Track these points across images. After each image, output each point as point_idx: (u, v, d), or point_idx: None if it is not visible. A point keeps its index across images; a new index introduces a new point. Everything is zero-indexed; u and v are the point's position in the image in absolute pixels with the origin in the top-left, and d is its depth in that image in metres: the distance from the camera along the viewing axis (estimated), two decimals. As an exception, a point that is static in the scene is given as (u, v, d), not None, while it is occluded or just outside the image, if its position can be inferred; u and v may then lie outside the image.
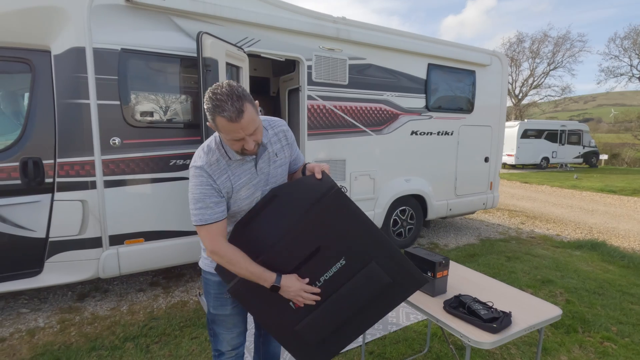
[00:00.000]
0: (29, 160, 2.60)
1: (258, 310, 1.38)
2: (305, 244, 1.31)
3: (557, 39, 26.55)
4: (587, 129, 19.05)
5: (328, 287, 1.34)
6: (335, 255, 1.33)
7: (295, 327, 1.36)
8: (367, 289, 1.36)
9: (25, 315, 2.89)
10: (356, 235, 1.33)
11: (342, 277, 1.34)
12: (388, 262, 1.35)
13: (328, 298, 1.35)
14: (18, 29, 2.57)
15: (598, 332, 2.69)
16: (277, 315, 1.36)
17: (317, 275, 1.33)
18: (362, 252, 1.34)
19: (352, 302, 1.36)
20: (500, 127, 5.36)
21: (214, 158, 1.32)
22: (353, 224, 1.32)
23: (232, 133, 1.19)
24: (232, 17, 3.14)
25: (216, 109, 1.16)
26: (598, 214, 7.27)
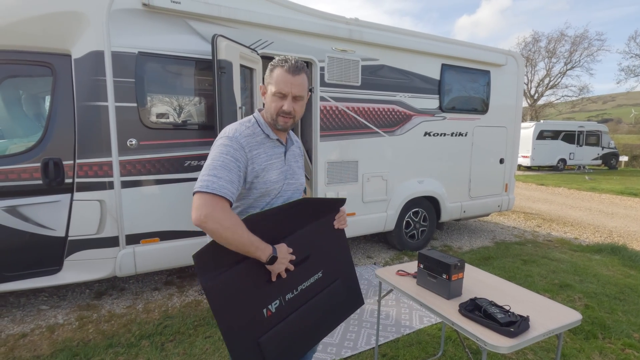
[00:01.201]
0: (50, 161, 2.67)
1: (227, 313, 1.19)
2: (302, 247, 1.35)
3: (575, 38, 25.93)
4: (606, 130, 18.54)
5: (301, 298, 1.36)
6: (317, 267, 1.40)
7: (259, 337, 1.24)
8: (327, 303, 1.44)
9: (46, 312, 2.97)
10: (338, 252, 1.46)
11: (314, 290, 1.40)
12: (348, 281, 1.51)
13: (297, 310, 1.35)
14: (40, 34, 2.65)
15: (619, 338, 2.61)
16: (246, 322, 1.22)
17: (297, 283, 1.35)
18: (335, 269, 1.45)
19: (314, 316, 1.40)
20: (515, 128, 5.27)
21: (250, 131, 1.32)
22: (341, 243, 1.49)
23: (281, 84, 1.27)
24: (246, 19, 3.18)
25: (280, 62, 1.29)
26: (618, 217, 7.06)
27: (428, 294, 1.81)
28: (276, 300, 1.29)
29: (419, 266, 1.90)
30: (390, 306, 3.07)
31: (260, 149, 1.32)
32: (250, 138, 1.31)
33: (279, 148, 1.39)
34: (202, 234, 3.21)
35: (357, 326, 2.76)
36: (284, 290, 1.31)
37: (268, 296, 1.27)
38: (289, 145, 1.45)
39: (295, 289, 1.33)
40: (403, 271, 2.07)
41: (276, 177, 1.36)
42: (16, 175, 2.62)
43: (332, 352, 2.42)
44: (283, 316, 1.30)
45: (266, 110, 1.36)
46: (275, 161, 1.37)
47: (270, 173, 1.34)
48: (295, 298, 1.34)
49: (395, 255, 4.42)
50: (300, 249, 1.34)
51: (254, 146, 1.31)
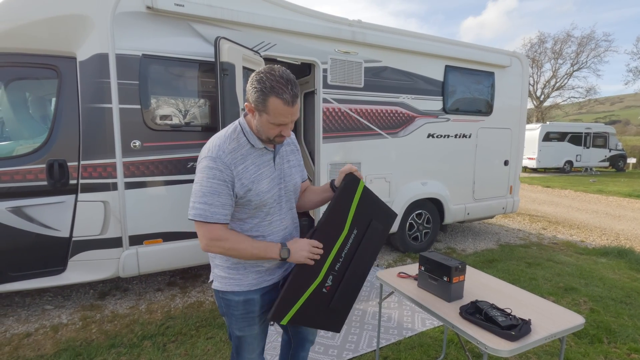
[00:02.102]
0: (54, 162, 2.70)
1: (300, 314, 1.41)
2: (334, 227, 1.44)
3: (581, 39, 25.72)
4: (614, 132, 18.35)
5: (348, 257, 1.47)
6: (351, 231, 1.46)
7: (329, 305, 1.46)
8: (371, 244, 1.53)
9: (50, 312, 3.00)
10: (367, 207, 1.50)
11: (355, 245, 1.48)
12: (379, 213, 1.55)
13: (349, 266, 1.47)
14: (46, 37, 2.69)
15: (625, 343, 2.57)
16: (313, 305, 1.42)
17: (341, 252, 1.45)
18: (367, 217, 1.50)
19: (364, 262, 1.52)
20: (520, 130, 5.23)
21: (232, 146, 1.27)
22: (367, 198, 1.51)
23: (281, 117, 1.21)
24: (249, 22, 3.19)
25: (274, 89, 1.16)
26: (625, 220, 6.97)
27: (429, 297, 1.80)
28: (329, 276, 1.43)
29: (420, 268, 1.89)
30: (392, 308, 3.06)
31: (248, 161, 1.29)
32: (234, 153, 1.26)
33: (266, 155, 1.35)
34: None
35: (358, 328, 2.75)
36: (332, 265, 1.43)
37: (323, 279, 1.42)
38: (278, 148, 1.39)
39: (340, 257, 1.44)
40: (404, 273, 2.06)
41: (267, 187, 1.33)
42: (21, 177, 2.65)
43: (334, 355, 2.42)
44: (340, 279, 1.46)
45: (259, 130, 1.27)
46: (264, 170, 1.34)
47: (261, 184, 1.31)
48: (343, 262, 1.46)
49: (398, 257, 4.40)
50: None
51: (240, 160, 1.27)
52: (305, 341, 1.70)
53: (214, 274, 1.42)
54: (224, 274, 1.37)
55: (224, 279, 1.37)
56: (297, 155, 1.53)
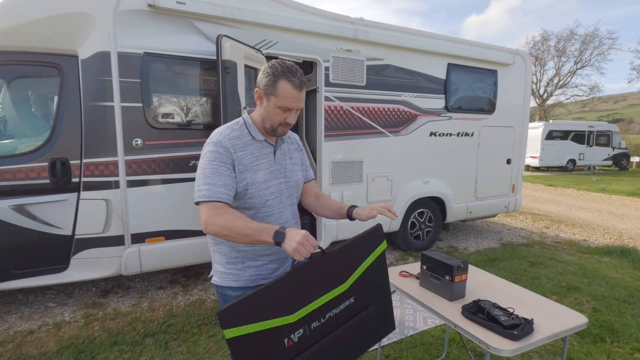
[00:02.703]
0: (57, 161, 2.71)
1: (250, 345, 1.08)
2: (335, 271, 1.24)
3: (585, 37, 25.54)
4: (617, 130, 18.23)
5: (329, 325, 1.23)
6: (350, 293, 1.26)
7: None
8: (358, 331, 1.32)
9: (53, 310, 3.01)
10: (375, 277, 1.34)
11: (344, 317, 1.27)
12: (382, 307, 1.39)
13: (324, 338, 1.22)
14: (48, 35, 2.69)
15: (628, 342, 2.56)
16: (264, 354, 1.11)
17: (327, 310, 1.22)
18: (370, 295, 1.34)
19: (342, 344, 1.28)
20: (523, 128, 5.20)
21: (236, 134, 1.32)
22: (381, 266, 1.36)
23: (288, 99, 1.25)
24: (251, 19, 3.19)
25: (284, 73, 1.23)
26: (629, 219, 6.93)
27: (431, 296, 1.80)
28: (300, 330, 1.16)
29: (422, 267, 1.88)
30: (394, 307, 3.05)
31: (247, 150, 1.32)
32: (235, 140, 1.31)
33: (267, 148, 1.38)
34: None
35: (360, 327, 2.75)
36: (310, 319, 1.18)
37: (294, 325, 1.14)
38: (279, 144, 1.42)
39: (322, 317, 1.20)
40: (406, 272, 2.05)
41: (264, 177, 1.34)
42: (24, 175, 2.65)
43: None
44: (308, 344, 1.18)
45: (264, 117, 1.32)
46: (262, 161, 1.35)
47: (258, 173, 1.33)
48: (321, 327, 1.21)
49: (400, 256, 4.40)
50: (333, 274, 1.23)
51: (240, 148, 1.31)
52: None
53: (214, 269, 1.43)
54: (223, 269, 1.38)
55: (223, 274, 1.38)
56: (300, 154, 1.54)
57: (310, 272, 1.18)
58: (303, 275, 1.16)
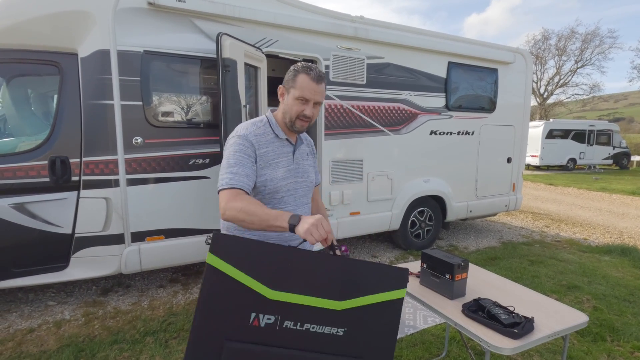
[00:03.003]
0: (57, 159, 2.71)
1: (222, 289, 1.03)
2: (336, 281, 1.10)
3: (586, 36, 25.49)
4: (618, 129, 18.22)
5: (303, 339, 1.07)
6: (342, 321, 1.10)
7: (228, 339, 1.03)
8: None
9: (53, 308, 3.01)
10: (379, 327, 1.13)
11: (323, 345, 1.09)
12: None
13: (291, 349, 1.07)
14: (48, 33, 2.68)
15: (628, 341, 2.56)
16: (227, 310, 1.03)
17: (308, 319, 1.07)
18: (364, 343, 1.13)
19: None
20: (523, 127, 5.20)
21: (260, 131, 1.39)
22: (390, 321, 1.15)
23: (305, 90, 1.33)
24: (251, 18, 3.18)
25: (304, 69, 1.34)
26: (629, 218, 6.93)
27: (431, 294, 1.79)
28: (271, 316, 1.05)
29: (422, 266, 1.88)
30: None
31: (269, 147, 1.39)
32: (260, 137, 1.38)
33: (287, 147, 1.45)
34: (207, 232, 3.23)
35: (360, 325, 2.75)
36: (286, 313, 1.06)
37: (268, 305, 1.05)
38: (298, 144, 1.49)
39: (300, 323, 1.07)
40: (406, 271, 2.05)
41: (283, 175, 1.40)
42: (24, 173, 2.65)
43: None
44: (267, 341, 1.06)
45: (285, 111, 1.40)
46: (282, 159, 1.41)
47: (277, 170, 1.39)
48: (293, 333, 1.07)
49: (400, 255, 4.39)
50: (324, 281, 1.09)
51: (263, 144, 1.37)
52: None
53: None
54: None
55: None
56: (313, 158, 1.62)
57: (311, 261, 1.09)
58: (303, 260, 1.08)
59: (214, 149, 3.17)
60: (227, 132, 2.91)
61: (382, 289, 1.13)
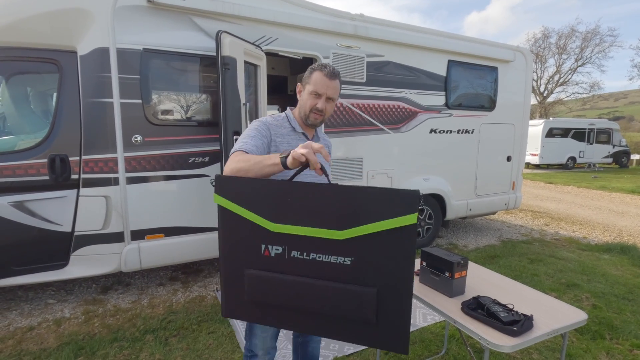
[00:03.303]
0: (56, 157, 2.70)
1: (232, 225, 1.14)
2: (334, 210, 1.06)
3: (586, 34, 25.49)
4: (618, 128, 18.22)
5: (312, 268, 1.10)
6: (347, 250, 1.07)
7: (247, 268, 1.15)
8: (346, 305, 1.10)
9: (53, 306, 3.02)
10: (391, 259, 1.05)
11: (333, 273, 1.09)
12: (391, 305, 1.08)
13: (302, 277, 1.11)
14: (47, 31, 2.67)
15: (627, 339, 2.56)
16: (242, 243, 1.14)
17: (312, 248, 1.09)
18: (375, 273, 1.07)
19: (321, 303, 1.11)
20: (523, 125, 5.19)
21: (278, 123, 1.50)
22: (402, 250, 1.05)
23: (319, 85, 1.42)
24: (250, 15, 3.17)
25: (319, 66, 1.45)
26: (629, 216, 6.93)
27: (431, 292, 1.79)
28: (279, 247, 1.12)
29: (422, 264, 1.88)
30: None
31: (284, 139, 1.48)
32: (277, 128, 1.48)
33: (302, 141, 1.48)
34: (206, 230, 3.23)
35: (360, 323, 2.75)
36: (291, 244, 1.11)
37: (273, 237, 1.11)
38: (314, 140, 1.56)
39: (305, 252, 1.10)
40: (406, 269, 2.05)
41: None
42: (23, 171, 2.65)
43: (335, 349, 2.42)
44: (279, 269, 1.13)
45: (300, 106, 1.49)
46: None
47: None
48: (302, 262, 1.11)
49: (399, 253, 4.39)
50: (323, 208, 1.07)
51: (278, 135, 1.47)
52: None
53: None
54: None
55: None
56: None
57: (307, 191, 1.07)
58: (298, 191, 1.08)
59: (213, 147, 3.17)
60: (226, 131, 2.91)
61: (387, 216, 1.02)
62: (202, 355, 2.35)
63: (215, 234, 3.25)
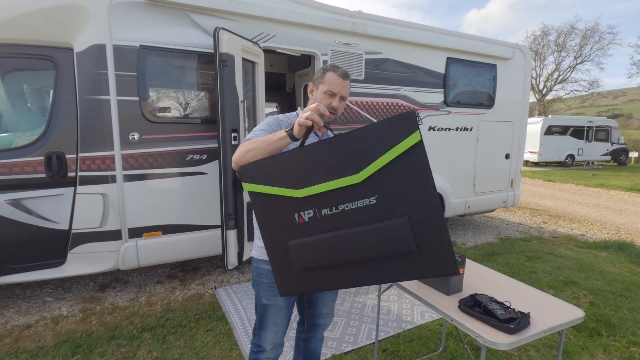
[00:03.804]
0: (53, 155, 2.69)
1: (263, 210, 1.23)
2: (344, 157, 1.11)
3: (585, 31, 25.41)
4: (616, 125, 18.22)
5: (344, 219, 1.15)
6: (369, 189, 1.10)
7: (289, 240, 1.21)
8: (385, 243, 1.13)
9: (50, 304, 3.01)
10: (409, 184, 1.08)
11: (364, 217, 1.12)
12: (425, 228, 1.10)
13: (338, 230, 1.16)
14: (43, 27, 2.65)
15: (624, 336, 2.57)
16: (279, 222, 1.21)
17: (339, 200, 1.14)
18: (401, 202, 1.09)
19: (362, 248, 1.15)
20: (522, 123, 5.19)
21: (290, 120, 1.54)
22: (416, 170, 1.07)
23: (333, 84, 1.47)
24: (248, 12, 3.15)
25: (332, 67, 1.50)
26: (627, 214, 6.95)
27: (428, 290, 1.79)
28: (310, 210, 1.17)
29: (419, 261, 1.88)
30: (391, 301, 3.06)
31: None
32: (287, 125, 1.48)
33: (312, 138, 1.50)
34: (204, 228, 3.22)
35: (357, 321, 2.76)
36: (320, 203, 1.16)
37: (302, 203, 1.17)
38: (324, 136, 1.56)
39: (334, 207, 1.14)
40: (403, 266, 2.05)
41: None
42: (20, 169, 2.64)
43: (333, 347, 2.42)
44: (316, 230, 1.18)
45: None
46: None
47: None
48: (333, 217, 1.15)
49: (398, 251, 4.40)
50: (342, 159, 1.12)
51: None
52: (316, 325, 1.76)
53: (254, 245, 1.56)
54: (260, 244, 1.48)
55: (260, 248, 1.49)
56: None
57: (315, 150, 1.15)
58: (308, 153, 1.15)
59: (211, 145, 3.16)
60: (224, 128, 2.89)
61: (392, 144, 1.06)
62: (200, 352, 2.35)
63: (213, 231, 3.25)
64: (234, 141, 2.97)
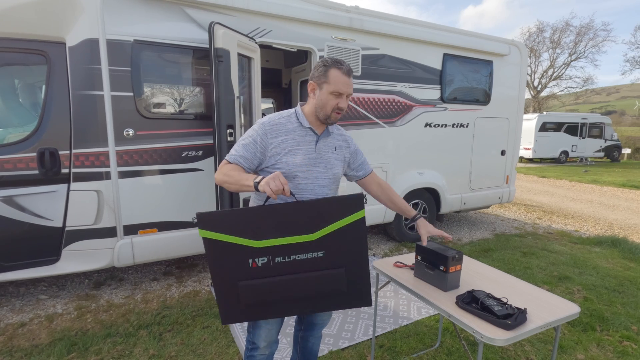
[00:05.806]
0: (45, 151, 2.65)
1: (217, 252, 1.34)
2: (304, 220, 1.34)
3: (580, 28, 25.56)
4: (610, 122, 18.39)
5: (292, 267, 1.37)
6: (319, 246, 1.37)
7: (239, 281, 1.35)
8: (324, 285, 1.41)
9: (44, 302, 2.98)
10: (350, 245, 1.40)
11: (309, 266, 1.38)
12: (354, 276, 1.43)
13: (287, 275, 1.37)
14: (34, 21, 2.60)
15: (617, 330, 2.60)
16: (232, 264, 1.34)
17: (292, 252, 1.35)
18: (342, 256, 1.40)
19: (305, 289, 1.40)
20: (517, 120, 5.21)
21: (281, 120, 1.49)
22: (356, 235, 1.40)
23: (339, 84, 1.41)
24: (244, 7, 3.12)
25: (335, 63, 1.42)
26: (619, 210, 7.03)
27: (425, 286, 1.80)
28: (264, 257, 1.35)
29: (417, 258, 1.88)
30: (388, 297, 3.07)
31: (289, 135, 1.46)
32: (278, 126, 1.47)
33: (310, 136, 1.49)
34: (200, 225, 3.20)
35: (354, 317, 2.76)
36: (275, 252, 1.35)
37: (259, 251, 1.34)
38: (324, 135, 1.53)
39: (287, 256, 1.36)
40: (401, 263, 2.05)
41: (300, 161, 1.45)
42: (12, 165, 2.60)
43: (330, 343, 2.43)
44: (267, 274, 1.36)
45: (318, 106, 1.46)
46: (303, 147, 1.47)
47: (295, 157, 1.45)
48: (285, 264, 1.36)
49: (394, 247, 4.41)
50: (301, 221, 1.34)
51: (281, 133, 1.46)
52: (314, 324, 1.77)
53: None
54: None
55: None
56: (345, 152, 1.64)
57: (280, 211, 1.33)
58: (273, 213, 1.32)
59: (207, 141, 3.13)
60: (220, 124, 2.87)
61: (343, 215, 1.36)
62: (197, 350, 2.34)
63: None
64: (229, 137, 2.94)
